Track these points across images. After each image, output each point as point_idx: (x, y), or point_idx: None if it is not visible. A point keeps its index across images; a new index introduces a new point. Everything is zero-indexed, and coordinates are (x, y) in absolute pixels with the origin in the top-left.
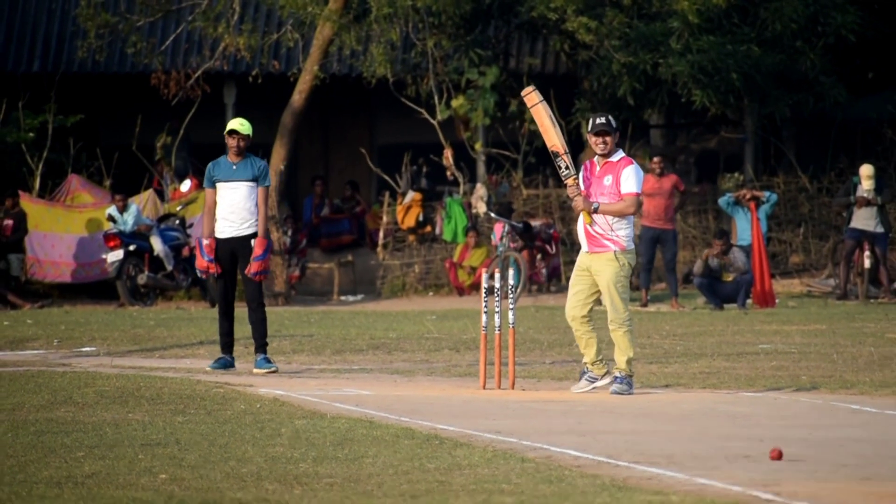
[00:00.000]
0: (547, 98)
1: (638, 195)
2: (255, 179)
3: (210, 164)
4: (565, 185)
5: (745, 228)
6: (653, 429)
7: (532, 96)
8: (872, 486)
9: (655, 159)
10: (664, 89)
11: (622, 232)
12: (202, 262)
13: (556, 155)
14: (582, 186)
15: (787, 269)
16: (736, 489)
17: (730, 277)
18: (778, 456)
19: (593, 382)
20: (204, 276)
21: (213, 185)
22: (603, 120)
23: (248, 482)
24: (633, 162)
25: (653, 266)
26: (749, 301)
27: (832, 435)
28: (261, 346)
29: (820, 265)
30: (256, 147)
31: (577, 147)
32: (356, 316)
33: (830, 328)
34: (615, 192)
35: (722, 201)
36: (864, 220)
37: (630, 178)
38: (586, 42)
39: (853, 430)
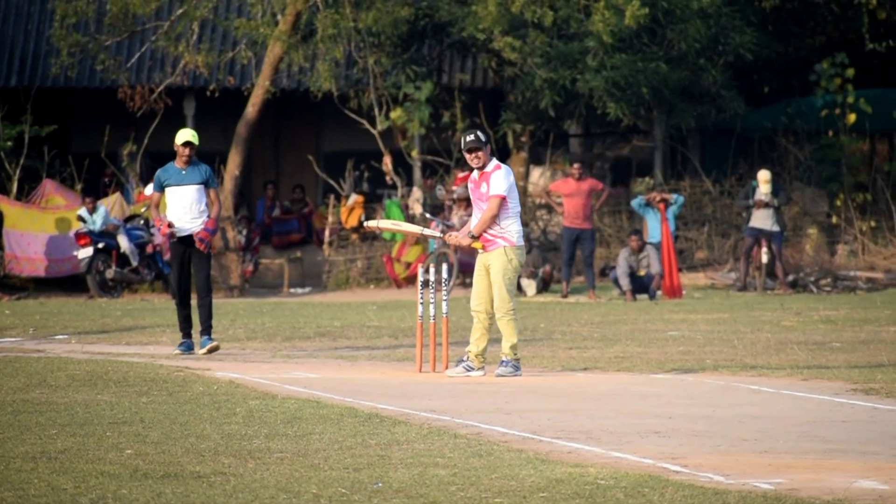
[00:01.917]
0: (475, 111)
1: (501, 196)
2: (203, 182)
3: (159, 171)
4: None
5: (656, 228)
6: (573, 407)
7: (372, 225)
8: (769, 459)
9: (575, 165)
10: (582, 102)
11: (511, 229)
12: (164, 231)
13: (423, 237)
14: (472, 196)
15: (692, 264)
16: (647, 462)
17: (643, 272)
18: None
19: (468, 371)
20: (166, 251)
21: (161, 189)
22: (472, 137)
23: (206, 457)
24: (502, 167)
25: (573, 261)
26: (659, 293)
27: (734, 413)
28: (206, 328)
29: (722, 260)
30: (214, 154)
31: (503, 154)
32: (304, 307)
33: (732, 317)
34: (487, 196)
35: (634, 203)
36: (761, 220)
37: (496, 181)
38: (511, 59)
39: (752, 408)
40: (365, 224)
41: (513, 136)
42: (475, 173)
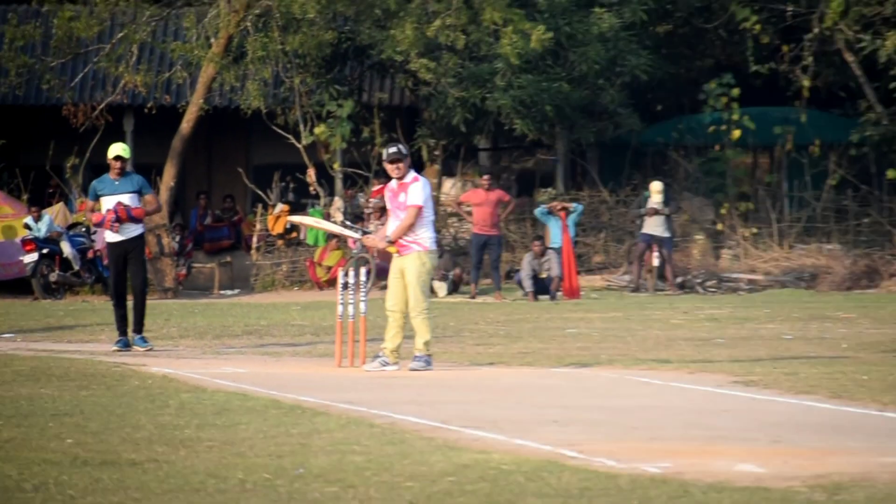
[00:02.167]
0: (393, 127)
1: (418, 206)
2: (137, 191)
3: (95, 182)
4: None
5: (557, 234)
6: (479, 399)
7: (296, 219)
8: (658, 445)
9: (484, 177)
10: (491, 119)
11: (425, 235)
12: (109, 217)
13: (343, 238)
14: (389, 204)
15: (590, 267)
16: (547, 448)
17: (545, 275)
18: None
19: (384, 366)
20: (102, 239)
21: (96, 199)
22: (395, 149)
23: (140, 445)
24: (421, 179)
25: (482, 265)
26: (559, 293)
27: (626, 403)
28: (139, 327)
29: (617, 264)
30: (151, 167)
31: (418, 166)
32: (233, 307)
33: (625, 315)
34: (405, 206)
35: (538, 211)
36: (653, 226)
37: (414, 192)
38: (426, 80)
39: (643, 399)
40: (289, 218)
41: (427, 149)
42: (394, 183)
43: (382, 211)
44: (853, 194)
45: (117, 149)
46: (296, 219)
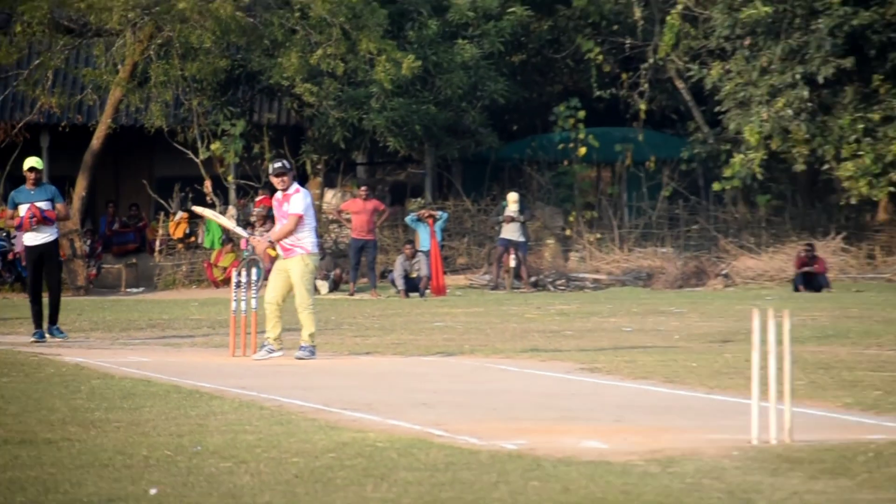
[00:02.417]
0: (280, 144)
1: (299, 215)
2: (49, 199)
3: (13, 192)
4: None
5: (426, 238)
6: (357, 384)
7: (198, 210)
8: (514, 424)
9: (362, 188)
10: (367, 137)
11: (307, 241)
12: (26, 223)
13: (234, 235)
14: (276, 213)
15: (455, 268)
16: (417, 427)
17: (415, 274)
18: None
19: (270, 353)
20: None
21: (15, 207)
22: (280, 164)
23: (55, 426)
24: (301, 190)
25: (359, 266)
26: (427, 291)
27: (486, 388)
28: (54, 319)
29: (479, 265)
30: (65, 179)
31: (302, 179)
32: (139, 303)
33: (486, 310)
34: (287, 214)
35: (408, 219)
36: (510, 232)
37: (295, 202)
38: (310, 102)
39: (501, 384)
40: (193, 208)
41: (310, 164)
42: (279, 193)
43: (265, 219)
44: (684, 204)
45: (31, 161)
46: (198, 209)
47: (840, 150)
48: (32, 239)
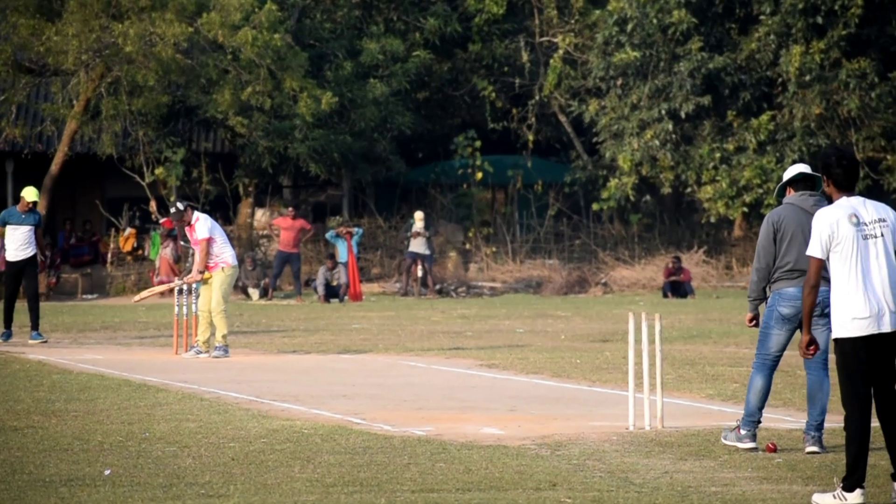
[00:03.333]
0: (216, 169)
1: (206, 239)
2: (35, 224)
3: (4, 212)
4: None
5: (344, 252)
6: (284, 378)
7: (136, 299)
8: (422, 413)
9: (290, 209)
10: (292, 163)
11: (225, 255)
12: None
13: (174, 287)
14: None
15: (370, 277)
16: (338, 416)
17: (335, 283)
18: (773, 448)
19: (198, 354)
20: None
21: (4, 225)
22: (173, 210)
23: (20, 415)
24: (201, 217)
25: (281, 274)
26: (346, 297)
27: (398, 381)
28: (35, 325)
29: (390, 274)
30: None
31: (236, 199)
32: (93, 308)
33: (397, 314)
34: (196, 241)
35: (328, 235)
36: (417, 246)
37: (199, 230)
38: (241, 133)
39: (411, 378)
40: (134, 300)
41: (242, 186)
42: (186, 226)
43: (166, 237)
44: (567, 222)
45: (32, 194)
46: (136, 298)
47: (700, 175)
48: (13, 255)
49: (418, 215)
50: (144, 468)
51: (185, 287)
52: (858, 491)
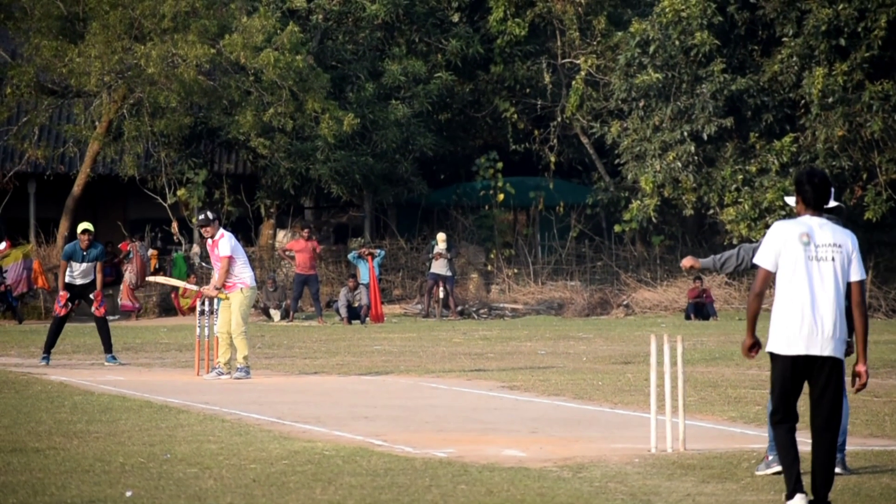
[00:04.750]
0: (238, 190)
1: (227, 257)
2: (96, 259)
3: (68, 246)
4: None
5: (365, 273)
6: (306, 400)
7: (151, 280)
8: (444, 435)
9: (304, 230)
10: (313, 184)
11: (245, 275)
12: (58, 307)
13: (183, 289)
14: (210, 256)
15: (391, 299)
16: (359, 438)
17: (357, 304)
18: None
19: (220, 376)
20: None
21: (68, 260)
22: (202, 217)
23: (42, 437)
24: (226, 234)
25: (300, 296)
26: (367, 319)
27: (420, 403)
28: (108, 348)
29: (412, 296)
30: (49, 220)
31: (258, 220)
32: (114, 329)
33: (418, 336)
34: (219, 257)
35: (350, 256)
36: (439, 267)
37: (223, 247)
38: (263, 154)
39: (433, 400)
40: (148, 279)
41: (264, 207)
42: (209, 240)
43: (124, 260)
44: (589, 243)
45: (85, 225)
46: (151, 279)
47: (723, 197)
48: (73, 280)
49: (441, 237)
50: (166, 490)
51: (206, 307)
52: (799, 496)
